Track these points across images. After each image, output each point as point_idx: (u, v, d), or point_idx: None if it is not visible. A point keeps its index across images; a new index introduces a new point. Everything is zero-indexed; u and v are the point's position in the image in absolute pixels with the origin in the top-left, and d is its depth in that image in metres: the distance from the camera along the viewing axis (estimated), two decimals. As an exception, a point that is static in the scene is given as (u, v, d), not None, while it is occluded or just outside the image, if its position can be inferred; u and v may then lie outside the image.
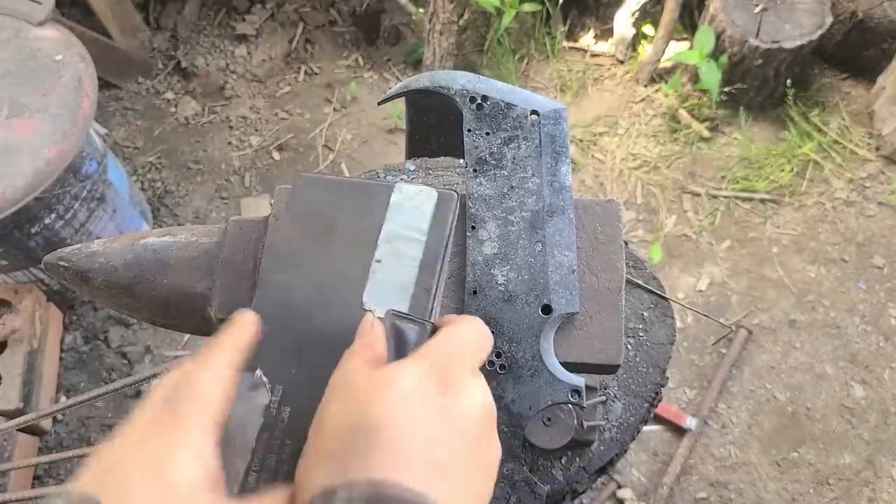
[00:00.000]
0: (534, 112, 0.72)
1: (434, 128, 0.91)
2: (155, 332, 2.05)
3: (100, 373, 1.99)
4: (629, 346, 0.82)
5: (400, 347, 0.49)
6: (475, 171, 0.70)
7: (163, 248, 0.74)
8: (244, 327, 0.49)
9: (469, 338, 0.48)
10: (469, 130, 0.71)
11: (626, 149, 2.34)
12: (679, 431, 1.91)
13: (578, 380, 0.63)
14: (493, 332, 0.64)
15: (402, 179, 0.91)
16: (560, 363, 0.64)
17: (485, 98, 0.72)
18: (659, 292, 0.84)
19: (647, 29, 2.45)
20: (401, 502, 0.35)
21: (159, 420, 0.41)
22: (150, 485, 0.37)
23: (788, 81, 2.28)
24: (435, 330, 0.50)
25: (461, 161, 0.92)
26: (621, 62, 2.50)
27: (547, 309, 0.65)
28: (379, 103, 0.81)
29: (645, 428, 1.26)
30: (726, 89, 2.27)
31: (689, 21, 2.45)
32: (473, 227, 0.68)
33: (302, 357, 0.53)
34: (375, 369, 0.43)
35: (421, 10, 2.37)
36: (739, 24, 2.17)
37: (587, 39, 2.54)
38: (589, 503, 1.82)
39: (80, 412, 1.92)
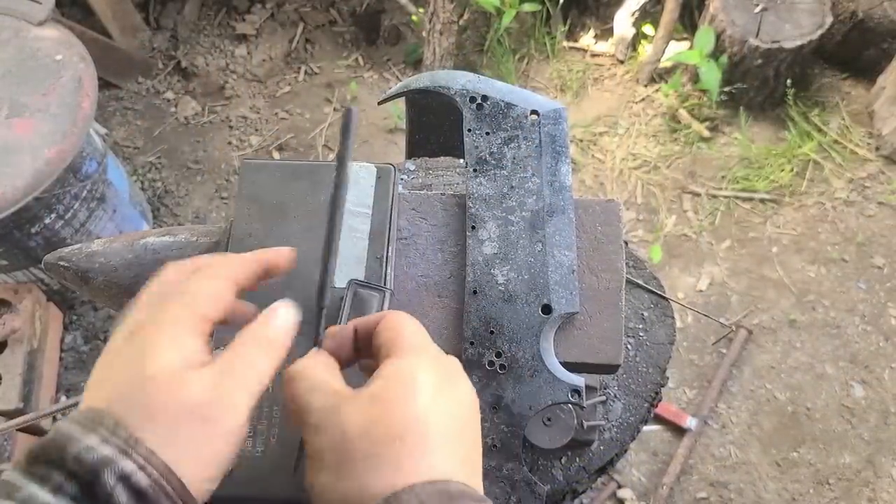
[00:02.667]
0: (534, 112, 0.72)
1: (434, 128, 0.91)
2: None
3: (100, 373, 1.99)
4: (629, 346, 0.82)
5: (362, 313, 0.52)
6: (475, 170, 0.70)
7: (163, 248, 0.74)
8: (264, 253, 0.47)
9: (420, 328, 0.47)
10: (469, 130, 0.71)
11: (626, 149, 2.34)
12: (679, 431, 1.91)
13: (578, 380, 0.63)
14: (493, 332, 0.64)
15: (403, 180, 0.91)
16: (560, 363, 0.64)
17: (485, 98, 0.72)
18: (659, 292, 0.84)
19: (647, 29, 2.44)
20: (466, 496, 0.37)
21: (144, 320, 0.41)
22: (129, 381, 0.38)
23: (788, 81, 2.28)
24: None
25: (461, 161, 0.92)
26: (621, 62, 2.49)
27: (547, 309, 0.65)
28: (379, 103, 0.81)
29: (645, 428, 1.25)
30: (726, 89, 2.27)
31: (689, 21, 2.45)
32: (473, 227, 0.68)
33: None
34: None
35: (421, 10, 2.37)
36: (739, 24, 2.17)
37: (587, 39, 2.54)
38: (589, 503, 1.82)
39: (80, 412, 1.92)
